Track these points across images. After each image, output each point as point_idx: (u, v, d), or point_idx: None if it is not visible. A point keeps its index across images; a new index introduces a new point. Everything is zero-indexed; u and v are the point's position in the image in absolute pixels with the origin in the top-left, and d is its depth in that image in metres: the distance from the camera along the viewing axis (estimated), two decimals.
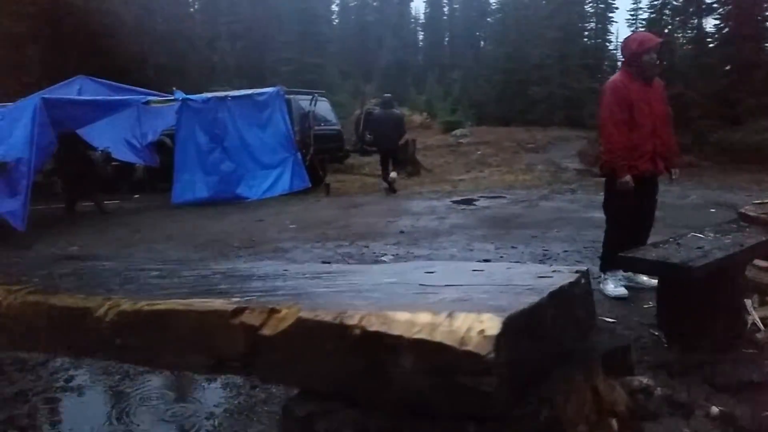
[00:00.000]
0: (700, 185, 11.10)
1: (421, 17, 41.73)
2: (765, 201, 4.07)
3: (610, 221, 4.54)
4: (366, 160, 15.47)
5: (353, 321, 0.66)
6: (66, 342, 0.91)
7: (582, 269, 0.82)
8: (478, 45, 35.54)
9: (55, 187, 11.32)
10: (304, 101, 12.53)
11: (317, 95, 12.80)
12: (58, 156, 10.29)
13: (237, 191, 11.11)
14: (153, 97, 11.94)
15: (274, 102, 11.62)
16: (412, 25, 41.37)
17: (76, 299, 0.88)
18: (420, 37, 41.82)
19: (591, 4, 28.92)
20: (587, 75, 25.79)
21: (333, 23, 40.67)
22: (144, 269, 1.04)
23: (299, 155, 11.77)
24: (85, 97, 11.16)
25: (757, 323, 3.09)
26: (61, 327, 0.89)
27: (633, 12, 25.13)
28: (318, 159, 12.36)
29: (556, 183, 12.31)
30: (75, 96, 12.08)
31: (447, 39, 40.50)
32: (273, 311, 0.70)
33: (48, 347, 1.00)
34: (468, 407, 0.59)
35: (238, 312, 0.72)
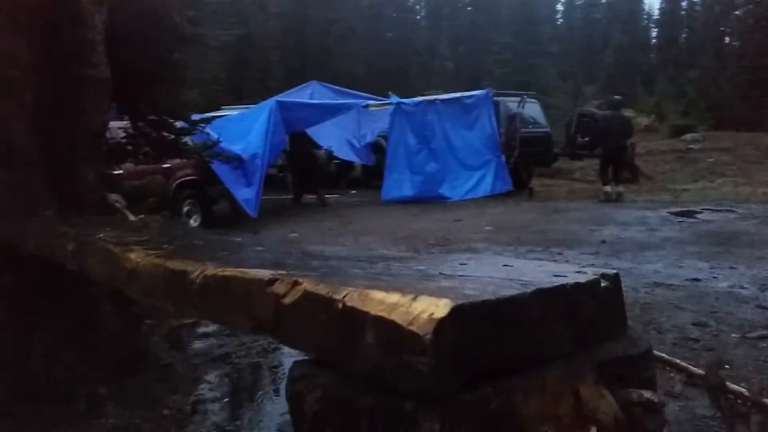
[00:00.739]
0: None
1: (655, 13, 38.38)
2: None
3: None
4: (577, 164, 14.74)
5: (339, 296, 0.71)
6: (172, 297, 1.11)
7: (609, 272, 0.75)
8: (720, 41, 31.52)
9: (286, 180, 12.81)
10: (512, 103, 12.40)
11: (526, 97, 12.56)
12: (288, 152, 11.67)
13: (440, 191, 11.43)
14: (372, 101, 12.84)
15: (481, 104, 11.73)
16: (644, 22, 38.25)
17: (181, 263, 1.07)
18: (653, 34, 38.50)
19: None
20: None
21: (557, 23, 39.42)
22: (254, 248, 1.21)
23: (503, 157, 11.71)
24: (314, 101, 12.46)
25: None
26: (169, 284, 1.09)
27: None
28: (523, 162, 12.14)
29: None
30: (306, 99, 13.60)
31: (684, 35, 36.63)
32: (296, 283, 0.78)
33: (163, 300, 1.22)
34: (408, 385, 0.60)
35: (271, 282, 0.82)
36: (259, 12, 26.40)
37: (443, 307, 0.57)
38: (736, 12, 29.18)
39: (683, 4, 37.37)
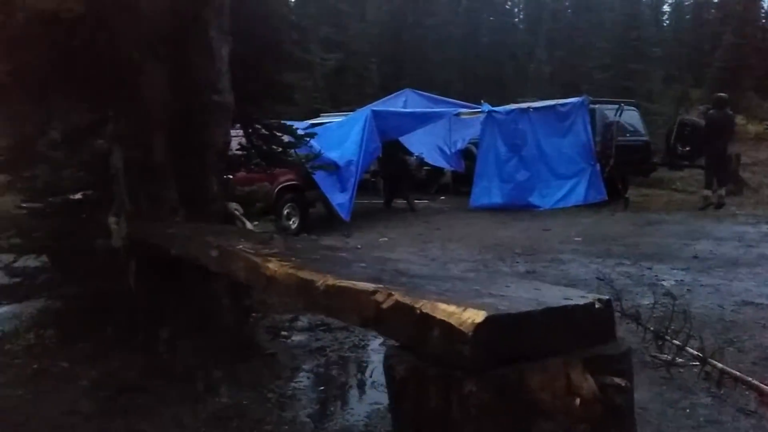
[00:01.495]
0: None
1: None
2: None
3: None
4: (678, 174, 14.18)
5: (418, 305, 1.01)
6: (302, 299, 1.45)
7: (603, 297, 1.01)
8: None
9: (377, 185, 13.30)
10: (609, 111, 12.19)
11: (623, 105, 12.30)
12: (380, 159, 12.14)
13: (529, 199, 11.47)
14: (463, 110, 13.08)
15: (577, 112, 11.64)
16: (760, 22, 35.67)
17: (309, 273, 1.41)
18: None
19: None
20: None
21: (663, 24, 37.64)
22: (359, 264, 1.53)
23: (598, 166, 11.56)
24: (407, 110, 12.89)
25: None
26: (300, 289, 1.44)
27: None
28: (619, 171, 11.90)
29: None
30: (400, 107, 14.06)
31: None
32: (390, 294, 1.10)
33: (295, 301, 1.56)
34: (458, 362, 0.91)
35: (374, 292, 1.13)
36: (358, 20, 27.24)
37: (481, 316, 0.88)
38: None
39: None
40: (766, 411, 2.98)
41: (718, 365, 3.27)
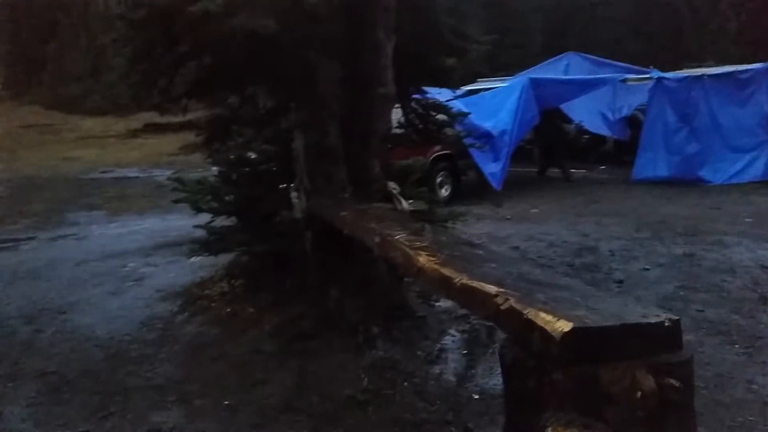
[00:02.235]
0: None
1: None
2: None
3: None
4: None
5: (525, 311, 1.31)
6: (442, 290, 1.83)
7: (673, 317, 1.25)
8: None
9: (533, 153, 13.19)
10: None
11: None
12: (537, 127, 12.00)
13: (699, 173, 10.72)
14: (630, 75, 12.38)
15: (760, 79, 10.57)
16: None
17: (449, 271, 1.79)
18: None
19: None
20: None
21: None
22: (490, 264, 1.86)
23: None
24: (567, 77, 12.52)
25: None
26: (441, 283, 1.80)
27: None
28: None
29: None
30: (562, 72, 13.66)
31: None
32: (507, 299, 1.43)
33: (437, 290, 1.94)
34: (549, 358, 1.24)
35: (496, 295, 1.48)
36: None
37: (569, 327, 1.19)
38: None
39: None
40: None
41: None
